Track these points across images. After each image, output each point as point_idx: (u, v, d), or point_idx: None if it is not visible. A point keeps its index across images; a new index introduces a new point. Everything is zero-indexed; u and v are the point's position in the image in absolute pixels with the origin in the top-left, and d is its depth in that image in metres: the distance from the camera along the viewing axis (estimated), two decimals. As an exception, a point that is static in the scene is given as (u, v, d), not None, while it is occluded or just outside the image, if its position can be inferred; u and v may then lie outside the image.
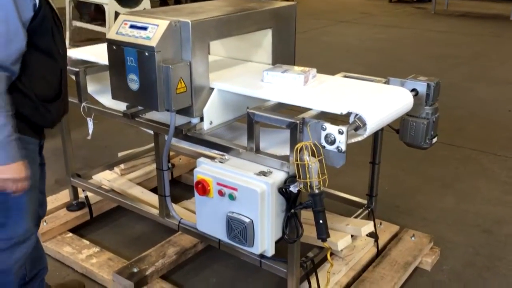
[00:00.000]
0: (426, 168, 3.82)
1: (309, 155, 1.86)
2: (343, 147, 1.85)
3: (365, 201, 2.74)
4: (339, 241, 2.34)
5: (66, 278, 2.60)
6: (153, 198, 2.81)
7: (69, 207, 3.03)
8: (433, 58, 6.93)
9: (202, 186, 2.02)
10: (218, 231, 2.07)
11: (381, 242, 2.72)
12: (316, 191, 1.89)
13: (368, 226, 2.42)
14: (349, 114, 1.97)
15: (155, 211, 2.61)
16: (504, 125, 4.65)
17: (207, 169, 2.04)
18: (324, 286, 2.29)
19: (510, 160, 3.97)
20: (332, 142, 1.86)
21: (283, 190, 1.96)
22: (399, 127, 2.42)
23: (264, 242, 2.00)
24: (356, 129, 1.93)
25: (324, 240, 1.95)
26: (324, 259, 2.35)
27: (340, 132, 1.83)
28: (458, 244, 2.92)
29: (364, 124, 1.93)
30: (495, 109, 5.06)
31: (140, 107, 2.41)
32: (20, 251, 1.92)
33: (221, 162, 2.08)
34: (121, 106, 2.47)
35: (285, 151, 2.09)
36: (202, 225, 2.15)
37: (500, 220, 3.16)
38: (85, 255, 2.70)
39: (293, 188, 1.94)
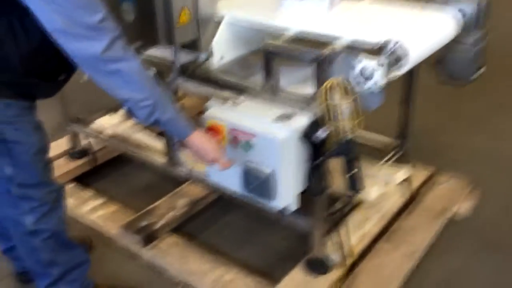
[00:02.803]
0: (457, 104, 3.47)
1: (340, 94, 1.55)
2: (380, 84, 1.54)
3: (396, 143, 2.45)
4: (371, 189, 2.08)
5: (71, 232, 2.38)
6: (161, 144, 2.54)
7: (71, 154, 2.78)
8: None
9: (214, 133, 1.74)
10: (233, 183, 1.81)
11: (414, 186, 2.44)
12: (349, 136, 1.60)
13: (403, 172, 2.15)
14: (387, 42, 1.64)
15: (162, 160, 2.35)
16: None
17: (219, 113, 1.76)
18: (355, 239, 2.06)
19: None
20: (368, 78, 1.54)
21: (308, 136, 1.67)
22: (438, 58, 2.08)
23: (287, 195, 1.74)
24: (395, 61, 1.61)
25: (357, 192, 1.69)
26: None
27: (380, 65, 1.51)
28: (497, 188, 2.64)
29: (406, 55, 1.60)
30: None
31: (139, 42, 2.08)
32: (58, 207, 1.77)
33: (235, 105, 1.79)
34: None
35: (308, 89, 1.79)
36: (214, 175, 1.89)
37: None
38: (89, 207, 2.48)
39: (321, 133, 1.65)
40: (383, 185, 2.10)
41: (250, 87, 1.84)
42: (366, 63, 1.53)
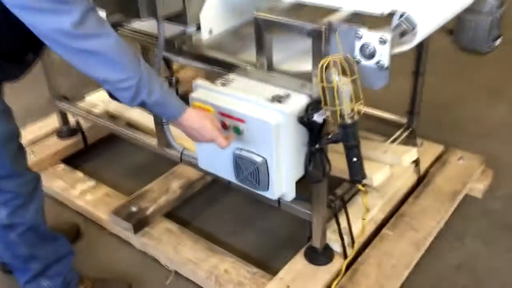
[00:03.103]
0: (472, 74, 3.24)
1: (338, 74, 1.37)
2: (385, 62, 1.35)
3: (404, 120, 2.27)
4: (375, 174, 1.92)
5: (58, 217, 2.27)
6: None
7: (60, 134, 2.64)
8: None
9: (201, 117, 1.57)
10: (225, 171, 1.65)
11: (423, 166, 2.27)
12: (349, 121, 1.43)
13: (411, 154, 1.98)
14: (391, 14, 1.45)
15: (154, 141, 2.20)
16: None
17: (205, 95, 1.59)
18: (359, 227, 1.91)
19: None
20: (371, 55, 1.36)
21: (304, 119, 1.50)
22: (454, 27, 1.87)
23: (282, 184, 1.59)
24: (401, 34, 1.42)
25: (359, 182, 1.53)
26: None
27: (382, 41, 1.32)
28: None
29: (413, 27, 1.41)
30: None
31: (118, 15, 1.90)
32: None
33: (224, 85, 1.62)
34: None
35: (306, 65, 1.61)
36: (204, 163, 1.74)
37: None
38: (79, 191, 2.35)
39: (318, 118, 1.48)
40: (389, 169, 1.92)
41: (240, 64, 1.66)
42: (369, 38, 1.34)
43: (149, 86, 1.32)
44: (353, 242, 1.89)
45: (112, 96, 1.38)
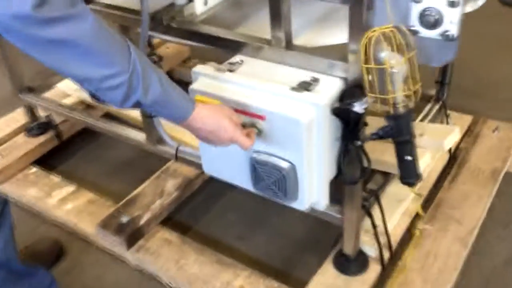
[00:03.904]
0: (497, 30, 2.85)
1: (392, 51, 1.04)
2: (455, 30, 1.02)
3: (432, 91, 1.95)
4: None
5: (34, 233, 1.93)
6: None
7: (29, 130, 2.26)
8: None
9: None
10: (238, 178, 1.33)
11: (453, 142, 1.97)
12: (402, 110, 1.11)
13: (453, 136, 1.66)
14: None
15: (142, 136, 1.85)
16: None
17: (210, 86, 1.24)
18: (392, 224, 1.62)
19: None
20: (434, 24, 1.02)
21: (341, 110, 1.17)
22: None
23: (313, 191, 1.27)
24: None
25: (412, 184, 1.21)
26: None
27: (452, 3, 0.98)
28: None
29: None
30: None
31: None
32: None
33: (232, 71, 1.27)
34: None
35: (330, 38, 1.27)
36: (210, 167, 1.41)
37: None
38: (56, 199, 2.00)
39: (359, 108, 1.15)
40: (429, 156, 1.61)
41: (251, 42, 1.31)
42: (432, 1, 1.00)
43: (144, 82, 0.98)
44: (389, 244, 1.60)
45: (95, 97, 1.03)
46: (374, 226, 1.52)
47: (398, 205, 1.72)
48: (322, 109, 1.13)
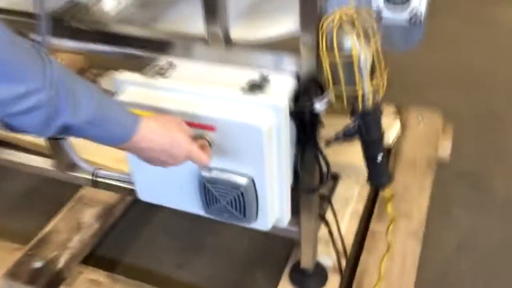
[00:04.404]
0: None
1: (358, 37, 0.90)
2: (423, 11, 0.91)
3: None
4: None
5: None
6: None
7: None
8: None
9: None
10: (186, 202, 1.12)
11: (383, 134, 1.92)
12: (370, 105, 0.98)
13: (394, 128, 1.59)
14: None
15: (48, 163, 1.56)
16: None
17: (143, 96, 1.02)
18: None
19: None
20: (402, 2, 0.90)
21: (298, 111, 1.02)
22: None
23: (275, 208, 1.10)
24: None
25: (383, 186, 1.10)
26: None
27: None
28: (467, 113, 2.21)
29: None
30: None
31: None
32: None
33: (163, 75, 1.06)
34: None
35: (275, 24, 1.13)
36: (148, 193, 1.19)
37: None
38: None
39: (321, 106, 1.01)
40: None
41: (180, 40, 1.11)
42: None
43: (72, 99, 0.75)
44: (345, 250, 1.48)
45: (9, 126, 0.77)
46: (331, 234, 1.40)
47: (346, 207, 1.62)
48: (282, 111, 0.97)
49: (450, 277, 1.58)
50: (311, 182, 1.16)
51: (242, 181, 1.01)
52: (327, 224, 1.37)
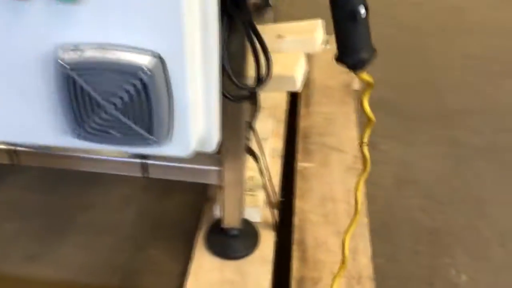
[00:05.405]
0: None
1: None
2: None
3: None
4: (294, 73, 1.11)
5: None
6: None
7: None
8: None
9: None
10: (35, 124, 0.62)
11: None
12: None
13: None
14: None
15: None
16: None
17: None
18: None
19: None
20: None
21: None
22: None
23: (200, 116, 0.65)
24: None
25: (363, 64, 0.71)
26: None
27: None
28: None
29: None
30: None
31: None
32: None
33: None
34: None
35: None
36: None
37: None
38: None
39: None
40: (304, 58, 1.13)
41: None
42: None
43: None
44: (275, 198, 1.09)
45: None
46: (262, 173, 0.99)
47: (265, 143, 1.22)
48: None
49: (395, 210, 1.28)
50: (239, 74, 0.73)
51: (144, 61, 0.54)
52: (256, 158, 0.96)
